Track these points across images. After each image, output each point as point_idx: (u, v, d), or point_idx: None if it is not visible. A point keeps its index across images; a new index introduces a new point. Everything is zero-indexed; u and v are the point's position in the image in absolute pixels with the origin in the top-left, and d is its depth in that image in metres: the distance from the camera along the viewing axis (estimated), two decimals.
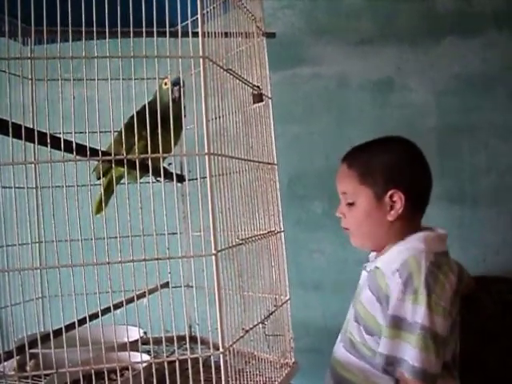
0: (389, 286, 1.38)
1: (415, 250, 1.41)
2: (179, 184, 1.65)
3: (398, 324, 1.34)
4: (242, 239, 1.19)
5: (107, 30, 1.02)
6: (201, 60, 1.00)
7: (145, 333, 1.56)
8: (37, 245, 1.63)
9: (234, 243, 1.14)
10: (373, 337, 1.43)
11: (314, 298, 1.56)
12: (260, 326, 1.27)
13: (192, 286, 1.54)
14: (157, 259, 1.00)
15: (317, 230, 2.33)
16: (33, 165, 1.41)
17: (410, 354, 1.32)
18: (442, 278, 1.34)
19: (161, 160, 1.18)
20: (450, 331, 1.38)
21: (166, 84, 1.44)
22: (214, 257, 0.99)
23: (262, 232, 1.33)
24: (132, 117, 1.33)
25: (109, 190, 1.49)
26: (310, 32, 2.42)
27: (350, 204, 1.51)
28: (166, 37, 1.11)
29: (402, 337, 1.34)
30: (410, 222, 1.49)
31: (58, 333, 1.31)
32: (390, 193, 1.46)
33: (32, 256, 1.60)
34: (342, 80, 2.40)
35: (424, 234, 1.46)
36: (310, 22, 2.42)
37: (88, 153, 1.07)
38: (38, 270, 1.57)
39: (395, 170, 1.47)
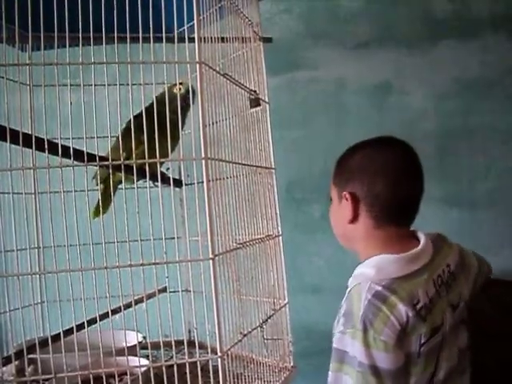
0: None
1: (363, 276, 1.30)
2: (177, 189, 1.66)
3: (339, 357, 1.27)
4: (240, 243, 1.19)
5: (104, 36, 1.02)
6: (197, 65, 1.01)
7: (143, 337, 1.56)
8: (35, 250, 1.63)
9: (231, 247, 1.14)
10: None
11: (313, 301, 1.56)
12: (258, 329, 1.27)
13: (190, 291, 1.55)
14: (154, 264, 1.01)
15: (315, 233, 2.34)
16: (31, 170, 1.40)
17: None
18: (386, 311, 1.23)
19: (158, 165, 1.18)
20: (409, 362, 1.27)
21: (179, 89, 1.42)
22: (211, 261, 1.00)
23: (260, 236, 1.34)
24: (129, 120, 1.34)
25: (107, 196, 1.49)
26: (308, 36, 2.42)
27: (330, 200, 1.44)
28: (162, 42, 1.12)
29: (343, 370, 1.27)
30: (374, 232, 1.36)
31: (56, 338, 1.30)
32: (344, 193, 1.35)
33: (30, 261, 1.60)
34: (339, 84, 2.41)
35: (379, 258, 1.33)
36: (307, 26, 2.43)
37: (86, 158, 1.07)
38: (37, 276, 1.57)
39: (353, 170, 1.35)
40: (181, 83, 1.43)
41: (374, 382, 1.22)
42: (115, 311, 1.25)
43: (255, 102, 1.36)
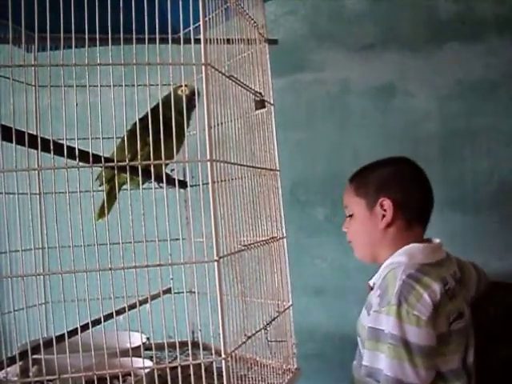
0: (373, 301, 1.43)
1: (397, 264, 1.46)
2: (182, 190, 1.66)
3: (375, 335, 1.37)
4: (244, 245, 1.19)
5: (110, 37, 1.02)
6: (203, 67, 1.01)
7: (147, 339, 1.56)
8: (40, 251, 1.63)
9: (236, 249, 1.14)
10: None
11: (317, 303, 1.56)
12: (262, 331, 1.27)
13: (194, 292, 1.55)
14: (159, 265, 1.01)
15: (319, 235, 2.33)
16: (36, 171, 1.41)
17: (384, 363, 1.34)
18: (419, 289, 1.36)
19: (163, 166, 1.18)
20: (443, 341, 1.37)
21: (183, 91, 1.44)
22: (216, 263, 1.00)
23: (264, 238, 1.34)
24: (135, 123, 1.34)
25: (111, 197, 1.49)
26: (312, 38, 2.42)
27: (350, 216, 1.60)
28: (168, 44, 1.11)
29: (379, 348, 1.36)
30: (404, 234, 1.54)
31: (60, 339, 1.31)
32: (379, 201, 1.53)
33: (35, 262, 1.60)
34: (344, 86, 2.40)
35: (409, 247, 1.50)
36: (312, 28, 2.42)
37: (91, 159, 1.07)
38: (41, 276, 1.57)
39: (386, 180, 1.56)
40: (186, 85, 1.44)
41: (405, 356, 1.31)
42: (119, 312, 1.25)
43: (260, 104, 1.36)
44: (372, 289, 1.53)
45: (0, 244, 1.44)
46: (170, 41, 1.03)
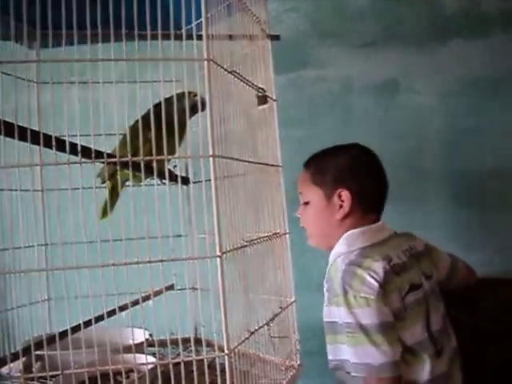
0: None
1: (337, 254, 1.49)
2: (184, 186, 1.66)
3: (331, 329, 1.40)
4: (247, 241, 1.19)
5: (112, 33, 1.02)
6: (205, 63, 1.01)
7: (150, 335, 1.57)
8: (43, 247, 1.63)
9: (238, 245, 1.14)
10: None
11: (320, 299, 1.55)
12: (265, 327, 1.27)
13: (197, 288, 1.55)
14: (161, 261, 1.01)
15: None
16: (38, 167, 1.41)
17: (347, 353, 1.36)
18: (361, 272, 1.38)
19: (165, 162, 1.18)
20: (399, 316, 1.40)
21: (195, 96, 1.41)
22: (218, 259, 1.00)
23: (267, 234, 1.33)
24: (137, 120, 1.34)
25: (114, 194, 1.49)
26: (315, 34, 2.41)
27: (306, 204, 1.59)
28: (170, 39, 1.11)
29: (338, 340, 1.39)
30: (359, 222, 1.55)
31: (63, 334, 1.31)
32: (337, 192, 1.53)
33: (38, 258, 1.60)
34: (346, 82, 2.40)
35: (347, 234, 1.52)
36: (314, 24, 2.41)
37: (93, 155, 1.07)
38: (44, 272, 1.57)
39: (344, 170, 1.55)
40: (190, 92, 1.40)
41: (364, 339, 1.33)
42: (122, 308, 1.25)
43: (263, 100, 1.36)
44: None
45: (3, 241, 1.44)
46: (172, 37, 1.03)
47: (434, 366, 1.42)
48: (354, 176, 1.55)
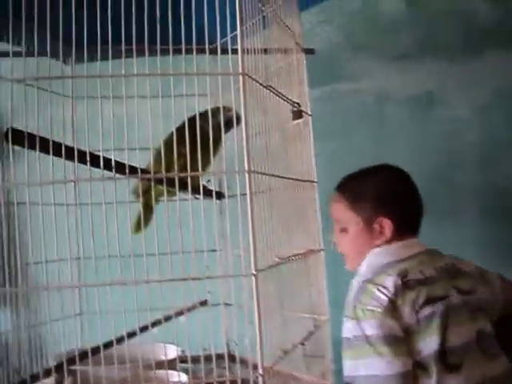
0: None
1: (358, 275, 1.48)
2: (218, 201, 1.64)
3: (345, 343, 1.37)
4: (282, 258, 1.16)
5: (146, 48, 1.02)
6: (240, 77, 0.99)
7: (183, 351, 1.55)
8: (75, 261, 1.64)
9: (273, 262, 1.12)
10: None
11: None
12: (299, 346, 1.24)
13: (231, 305, 1.53)
14: (195, 279, 0.99)
15: None
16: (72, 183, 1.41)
17: (357, 366, 1.34)
18: (371, 287, 1.37)
19: (200, 177, 1.17)
20: (411, 330, 1.37)
21: (229, 110, 1.41)
22: (253, 277, 0.97)
23: (301, 251, 1.31)
24: (171, 134, 1.33)
25: (148, 209, 1.49)
26: (348, 47, 2.39)
27: (342, 230, 1.57)
28: (205, 54, 1.11)
29: (350, 355, 1.36)
30: (394, 241, 1.53)
31: (96, 350, 1.30)
32: (378, 220, 1.51)
33: (71, 272, 1.61)
34: (380, 95, 2.37)
35: (370, 254, 1.51)
36: (347, 36, 2.40)
37: (127, 171, 1.06)
38: (76, 288, 1.58)
39: (383, 197, 1.54)
40: (225, 107, 1.39)
41: (370, 350, 1.32)
42: (155, 324, 1.24)
43: (298, 115, 1.35)
44: None
45: (37, 254, 1.45)
46: (207, 51, 1.02)
47: (442, 382, 1.38)
48: (393, 202, 1.54)
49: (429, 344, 1.39)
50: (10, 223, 1.39)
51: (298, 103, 1.34)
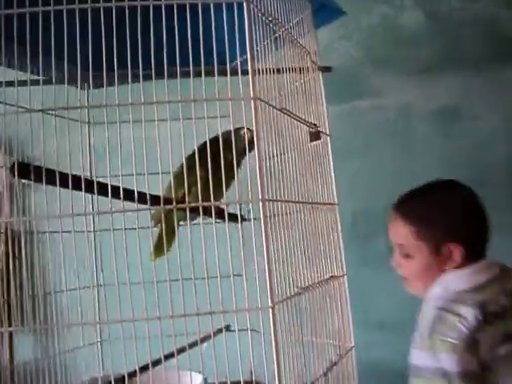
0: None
1: (432, 298, 1.42)
2: (239, 225, 1.61)
3: (415, 372, 1.33)
4: (302, 288, 1.11)
5: (153, 73, 1.00)
6: (252, 102, 0.96)
7: (205, 379, 1.52)
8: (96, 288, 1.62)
9: (292, 292, 1.07)
10: None
11: (379, 339, 1.47)
12: (322, 378, 1.19)
13: (254, 330, 1.49)
14: (210, 313, 0.95)
15: (382, 267, 2.23)
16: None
17: None
18: (451, 317, 1.31)
19: (225, 207, 1.14)
20: (487, 368, 1.30)
21: (244, 133, 1.38)
22: (270, 309, 0.93)
23: (323, 278, 1.26)
24: (188, 158, 1.31)
25: (169, 234, 1.46)
26: (368, 62, 2.36)
27: (406, 256, 1.51)
28: (214, 76, 1.08)
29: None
30: (463, 264, 1.46)
31: (120, 380, 1.28)
32: (448, 245, 1.44)
33: (94, 305, 1.59)
34: (404, 111, 2.33)
35: (444, 277, 1.44)
36: (367, 51, 2.37)
37: (149, 202, 1.05)
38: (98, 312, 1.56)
39: (453, 223, 1.46)
40: (248, 128, 1.37)
41: None
42: (180, 351, 1.22)
43: (315, 136, 1.31)
44: None
45: (58, 283, 1.44)
46: (216, 73, 0.99)
47: None
48: (464, 227, 1.47)
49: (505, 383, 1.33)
50: (31, 253, 1.38)
51: (315, 124, 1.31)
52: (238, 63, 1.02)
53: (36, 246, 1.43)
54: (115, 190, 1.06)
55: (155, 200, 1.09)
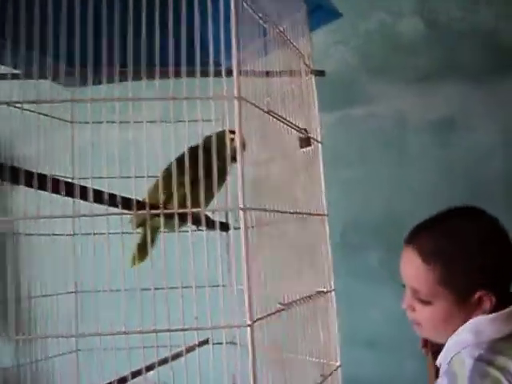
0: None
1: (461, 344, 1.24)
2: (224, 233, 1.55)
3: None
4: (284, 304, 1.05)
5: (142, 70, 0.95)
6: (236, 101, 0.90)
7: None
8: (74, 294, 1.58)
9: (273, 309, 1.01)
10: None
11: (369, 357, 1.42)
12: None
13: (235, 343, 1.43)
14: (183, 330, 0.89)
15: (372, 282, 2.18)
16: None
17: None
18: (494, 372, 1.16)
19: (202, 215, 1.09)
20: None
21: (231, 140, 1.32)
22: (248, 328, 0.87)
23: (309, 293, 1.20)
24: (171, 164, 1.26)
25: (146, 241, 1.41)
26: (364, 69, 2.33)
27: (424, 302, 1.29)
28: (207, 76, 1.04)
29: None
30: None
31: None
32: (477, 294, 1.25)
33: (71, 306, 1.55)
34: (399, 120, 2.30)
35: (474, 321, 1.26)
36: (364, 58, 2.33)
37: (135, 208, 1.03)
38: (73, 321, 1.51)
39: (486, 267, 1.26)
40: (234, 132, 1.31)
41: None
42: (161, 363, 1.17)
43: (306, 142, 1.25)
44: (438, 370, 1.33)
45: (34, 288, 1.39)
46: (198, 74, 0.94)
47: None
48: (498, 272, 1.27)
49: None
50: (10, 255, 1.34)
51: (305, 129, 1.25)
52: (223, 63, 0.96)
53: (10, 248, 1.39)
54: (99, 195, 1.03)
55: (128, 204, 1.06)
